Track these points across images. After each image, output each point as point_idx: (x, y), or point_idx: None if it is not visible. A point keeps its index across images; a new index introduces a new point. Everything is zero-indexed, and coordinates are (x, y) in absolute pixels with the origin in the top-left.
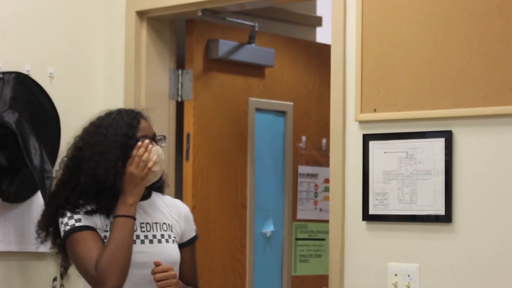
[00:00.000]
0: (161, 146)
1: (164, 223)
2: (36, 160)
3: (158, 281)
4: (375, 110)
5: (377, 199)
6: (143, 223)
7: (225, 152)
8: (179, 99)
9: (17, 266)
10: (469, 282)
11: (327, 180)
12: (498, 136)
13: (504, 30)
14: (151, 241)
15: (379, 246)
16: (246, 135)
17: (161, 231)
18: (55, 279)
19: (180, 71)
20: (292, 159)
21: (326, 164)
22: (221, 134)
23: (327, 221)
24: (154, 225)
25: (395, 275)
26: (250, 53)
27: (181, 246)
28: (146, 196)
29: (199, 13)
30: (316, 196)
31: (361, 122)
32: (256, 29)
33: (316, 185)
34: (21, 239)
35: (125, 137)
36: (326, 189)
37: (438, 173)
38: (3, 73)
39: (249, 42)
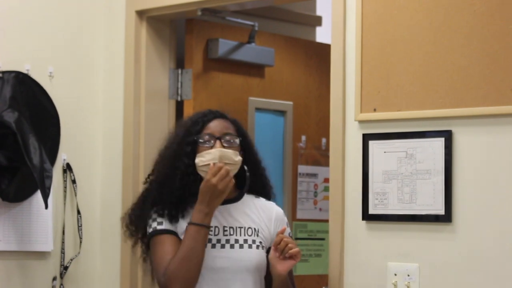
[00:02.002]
0: (223, 146)
1: (250, 227)
2: (35, 159)
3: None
4: (375, 110)
5: (377, 199)
6: (226, 227)
7: None
8: (179, 99)
9: (17, 266)
10: (469, 281)
11: (326, 180)
12: (498, 136)
13: (504, 30)
14: (232, 246)
15: (379, 246)
16: None
17: (244, 235)
18: (54, 279)
19: (179, 71)
20: (292, 158)
21: (326, 163)
22: None
23: (326, 221)
24: (238, 229)
25: (395, 274)
26: (250, 53)
27: None
28: (235, 199)
29: (199, 13)
30: (315, 196)
31: (361, 121)
32: (256, 28)
33: (315, 185)
34: (21, 239)
35: (186, 133)
36: (326, 189)
37: (438, 172)
38: (3, 72)
39: (249, 42)
